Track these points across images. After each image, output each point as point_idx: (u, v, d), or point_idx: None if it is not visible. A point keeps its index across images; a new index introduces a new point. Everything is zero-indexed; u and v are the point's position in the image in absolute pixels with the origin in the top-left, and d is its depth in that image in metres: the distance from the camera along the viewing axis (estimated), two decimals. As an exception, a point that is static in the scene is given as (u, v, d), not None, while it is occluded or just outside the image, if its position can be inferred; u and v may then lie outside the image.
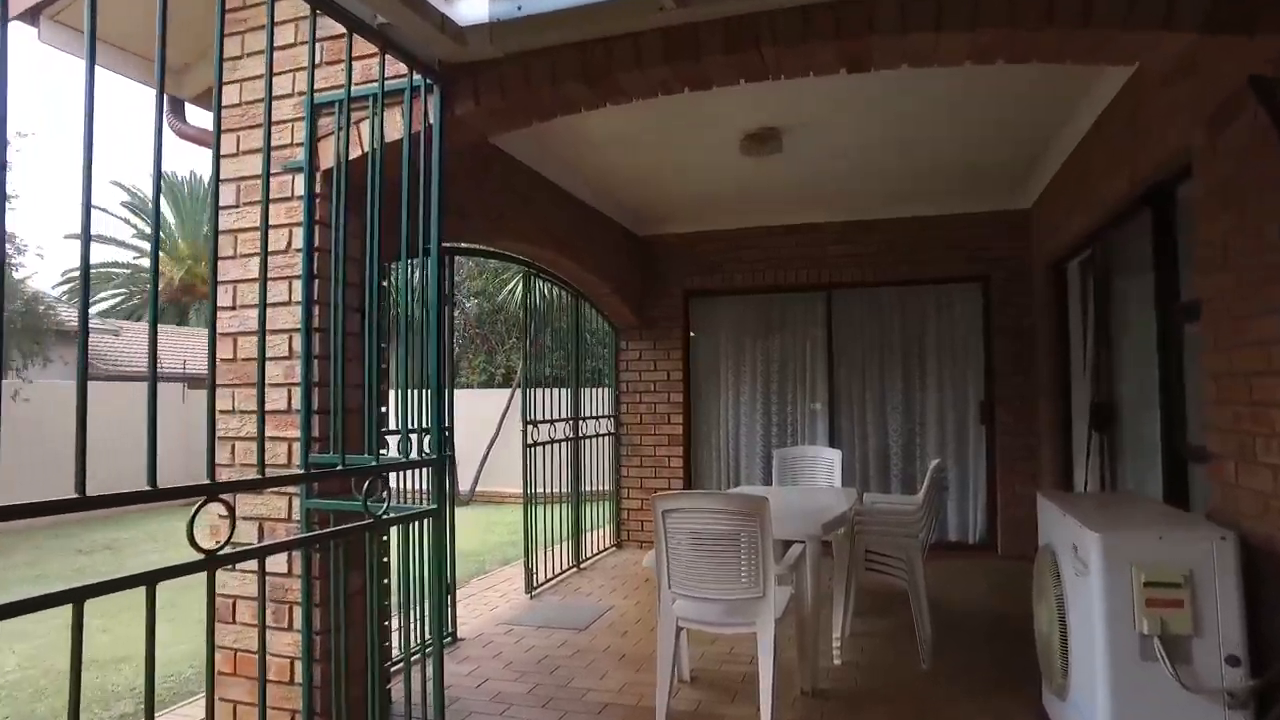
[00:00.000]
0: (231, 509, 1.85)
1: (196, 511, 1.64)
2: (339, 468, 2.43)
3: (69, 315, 14.70)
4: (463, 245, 4.63)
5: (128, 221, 24.94)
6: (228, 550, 1.67)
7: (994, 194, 6.23)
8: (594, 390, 6.93)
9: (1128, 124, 3.71)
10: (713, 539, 3.11)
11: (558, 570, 5.97)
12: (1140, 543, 2.30)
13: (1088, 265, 5.37)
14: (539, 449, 5.71)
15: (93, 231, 1.51)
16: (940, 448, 6.62)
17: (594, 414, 6.73)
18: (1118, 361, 4.75)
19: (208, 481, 1.71)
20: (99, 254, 23.55)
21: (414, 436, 4.00)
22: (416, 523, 2.93)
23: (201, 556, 1.62)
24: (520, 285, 8.82)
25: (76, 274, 17.83)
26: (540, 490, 5.67)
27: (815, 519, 3.63)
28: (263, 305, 2.16)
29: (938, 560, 5.60)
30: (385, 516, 2.24)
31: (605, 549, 6.91)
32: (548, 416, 5.94)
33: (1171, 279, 3.55)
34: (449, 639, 4.42)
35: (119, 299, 24.45)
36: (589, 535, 6.62)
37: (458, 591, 5.94)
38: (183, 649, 4.85)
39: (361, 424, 2.82)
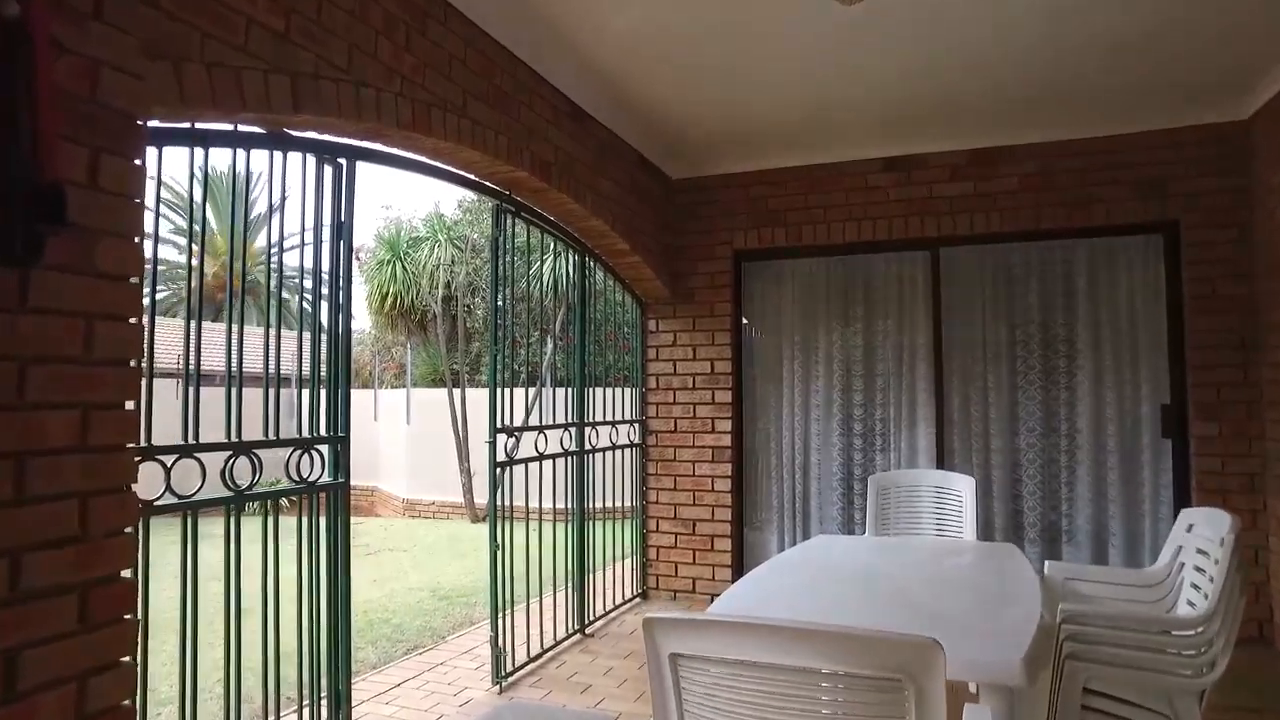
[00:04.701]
0: None
1: None
2: None
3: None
4: (376, 148, 2.88)
5: (165, 218, 24.61)
6: None
7: (1190, 99, 4.21)
8: (612, 389, 5.11)
9: None
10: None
11: (549, 642, 4.14)
12: None
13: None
14: (520, 469, 3.93)
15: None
16: (1098, 472, 4.61)
17: (609, 418, 4.91)
18: None
19: None
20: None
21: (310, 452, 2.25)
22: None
23: None
24: (547, 265, 6.97)
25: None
26: (526, 517, 3.89)
27: (1003, 640, 1.76)
28: None
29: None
30: None
31: (624, 602, 5.07)
32: (539, 422, 4.18)
33: None
34: (340, 789, 2.66)
35: (162, 294, 24.45)
36: (602, 576, 4.80)
37: (404, 660, 4.18)
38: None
39: None
